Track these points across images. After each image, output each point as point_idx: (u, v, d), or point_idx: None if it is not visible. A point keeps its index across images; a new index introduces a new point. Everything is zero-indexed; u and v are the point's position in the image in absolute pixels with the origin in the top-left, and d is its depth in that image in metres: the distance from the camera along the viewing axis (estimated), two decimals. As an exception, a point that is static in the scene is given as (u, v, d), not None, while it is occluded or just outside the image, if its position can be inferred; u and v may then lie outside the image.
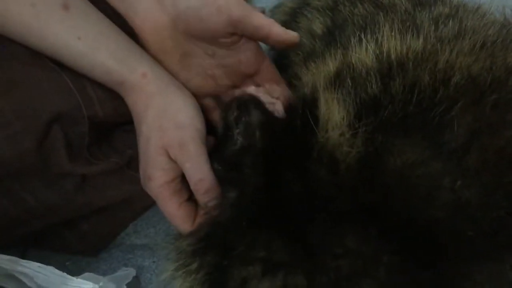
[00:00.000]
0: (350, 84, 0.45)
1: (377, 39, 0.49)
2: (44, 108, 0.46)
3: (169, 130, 0.45)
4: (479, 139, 0.41)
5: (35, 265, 0.48)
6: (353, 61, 0.47)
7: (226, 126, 0.47)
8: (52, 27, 0.44)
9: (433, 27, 0.48)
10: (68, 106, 0.47)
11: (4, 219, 0.49)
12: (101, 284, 0.49)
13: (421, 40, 0.47)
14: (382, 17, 0.52)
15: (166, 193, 0.46)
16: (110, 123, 0.53)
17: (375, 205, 0.39)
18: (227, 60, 0.50)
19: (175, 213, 0.46)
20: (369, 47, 0.48)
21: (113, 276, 0.53)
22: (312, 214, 0.40)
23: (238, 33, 0.47)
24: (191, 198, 0.48)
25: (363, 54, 0.48)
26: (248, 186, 0.43)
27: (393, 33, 0.48)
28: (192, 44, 0.49)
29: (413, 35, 0.47)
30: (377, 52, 0.48)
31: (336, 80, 0.46)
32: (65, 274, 0.48)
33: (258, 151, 0.44)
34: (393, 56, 0.46)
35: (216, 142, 0.50)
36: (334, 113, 0.43)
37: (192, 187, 0.46)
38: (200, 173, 0.44)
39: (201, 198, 0.45)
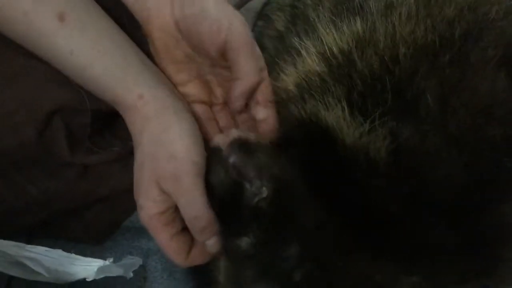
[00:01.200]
0: (316, 96, 0.44)
1: (317, 37, 0.48)
2: (45, 98, 0.45)
3: (162, 161, 0.42)
4: (448, 103, 0.39)
5: (41, 249, 0.49)
6: (303, 72, 0.46)
7: (227, 187, 0.43)
8: (45, 38, 0.42)
9: (365, 4, 0.46)
10: (70, 97, 0.46)
11: (7, 209, 0.50)
12: (111, 260, 0.50)
13: (358, 22, 0.45)
14: (313, 12, 0.51)
15: (158, 224, 0.43)
16: (114, 113, 0.51)
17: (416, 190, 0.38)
18: (226, 72, 0.48)
19: (168, 245, 0.44)
20: (311, 49, 0.47)
21: (120, 264, 0.53)
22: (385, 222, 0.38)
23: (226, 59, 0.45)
24: (186, 228, 0.45)
25: (308, 60, 0.47)
26: (307, 232, 0.40)
27: (328, 27, 0.46)
28: (194, 49, 0.47)
29: (349, 20, 0.46)
30: (321, 51, 0.46)
31: (297, 99, 0.45)
32: (72, 254, 0.49)
33: (293, 186, 0.41)
34: (336, 51, 0.45)
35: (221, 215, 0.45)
36: (339, 118, 0.41)
37: (187, 224, 0.43)
38: (195, 210, 0.42)
39: (198, 236, 0.43)
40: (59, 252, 0.50)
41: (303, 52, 0.48)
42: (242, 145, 0.43)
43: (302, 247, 0.38)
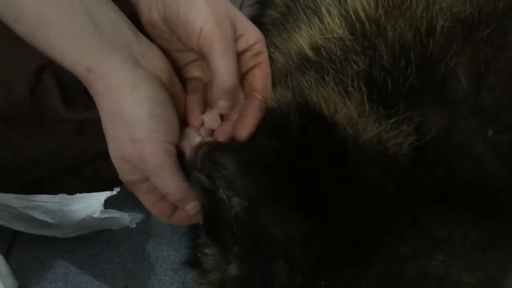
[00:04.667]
0: (334, 67, 0.40)
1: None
2: (32, 54, 0.43)
3: (125, 144, 0.41)
4: (483, 81, 0.38)
5: (45, 197, 0.50)
6: (322, 35, 0.42)
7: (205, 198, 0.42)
8: None
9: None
10: None
11: (4, 168, 0.50)
12: (118, 189, 0.50)
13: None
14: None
15: (139, 192, 0.44)
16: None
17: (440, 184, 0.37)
18: None
19: (151, 207, 0.46)
20: (333, 9, 0.43)
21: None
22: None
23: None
24: None
25: (329, 21, 0.43)
26: (291, 244, 0.37)
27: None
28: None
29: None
30: (343, 13, 0.42)
31: (316, 67, 0.41)
32: (77, 194, 0.50)
33: (268, 198, 0.39)
34: (362, 15, 0.41)
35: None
36: (350, 110, 0.38)
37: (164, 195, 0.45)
38: (165, 188, 0.42)
39: (176, 204, 0.45)
40: (62, 196, 0.50)
41: (324, 11, 0.44)
42: (207, 154, 0.41)
43: (289, 260, 0.37)
